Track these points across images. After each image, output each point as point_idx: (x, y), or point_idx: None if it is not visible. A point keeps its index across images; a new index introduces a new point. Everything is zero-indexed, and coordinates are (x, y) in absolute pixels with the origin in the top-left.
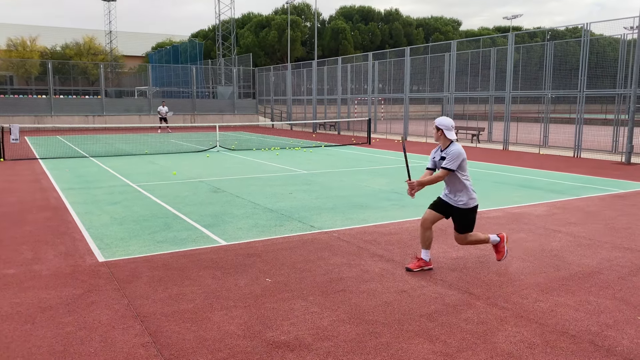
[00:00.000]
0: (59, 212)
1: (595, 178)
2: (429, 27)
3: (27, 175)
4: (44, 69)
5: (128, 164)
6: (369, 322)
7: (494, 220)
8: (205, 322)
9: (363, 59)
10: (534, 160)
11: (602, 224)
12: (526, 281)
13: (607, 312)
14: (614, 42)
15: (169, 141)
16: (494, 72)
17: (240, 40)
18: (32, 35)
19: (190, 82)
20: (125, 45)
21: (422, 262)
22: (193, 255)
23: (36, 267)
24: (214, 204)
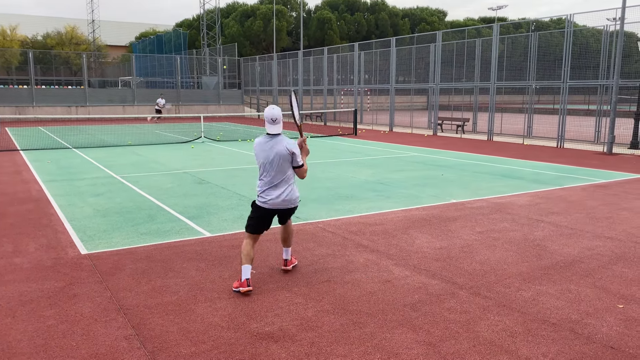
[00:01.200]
0: (40, 205)
1: (578, 168)
2: (415, 17)
3: (8, 167)
4: (24, 58)
5: (111, 155)
6: (353, 312)
7: (477, 211)
8: (189, 314)
9: (349, 49)
10: (518, 150)
11: (584, 214)
12: (509, 270)
13: (587, 301)
14: (596, 34)
15: (153, 132)
16: (479, 63)
17: (225, 30)
18: (12, 24)
19: (174, 72)
20: (109, 35)
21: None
22: (177, 247)
23: (17, 260)
24: (198, 196)
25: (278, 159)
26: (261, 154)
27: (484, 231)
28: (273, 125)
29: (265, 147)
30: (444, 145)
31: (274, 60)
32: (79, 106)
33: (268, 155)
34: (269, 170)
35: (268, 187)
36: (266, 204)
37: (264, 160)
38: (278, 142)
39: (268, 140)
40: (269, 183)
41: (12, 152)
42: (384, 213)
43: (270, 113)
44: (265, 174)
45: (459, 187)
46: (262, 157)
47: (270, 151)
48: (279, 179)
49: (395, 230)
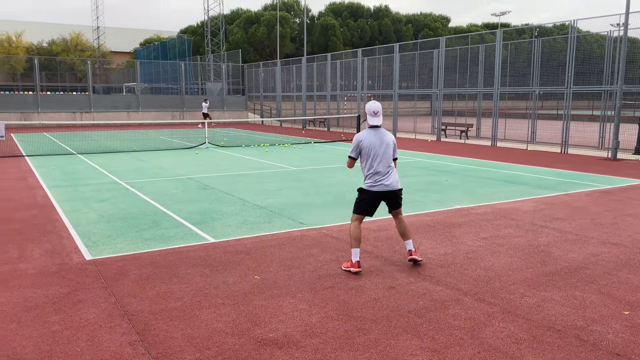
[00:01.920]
0: (45, 210)
1: (582, 174)
2: (418, 23)
3: (14, 172)
4: (30, 65)
5: (116, 161)
6: (357, 318)
7: (481, 216)
8: (193, 320)
9: (352, 55)
10: (522, 156)
11: (589, 219)
12: (513, 277)
13: (592, 307)
14: (600, 39)
15: (158, 138)
16: (483, 69)
17: (229, 36)
18: (18, 30)
19: (179, 79)
20: (113, 41)
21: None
22: (181, 253)
23: (22, 265)
24: (202, 201)
25: (386, 148)
26: (369, 144)
27: (489, 237)
28: (375, 117)
29: (373, 138)
30: (447, 150)
31: (278, 67)
32: (84, 112)
33: (378, 145)
34: (378, 157)
35: (376, 172)
36: (374, 187)
37: (373, 150)
38: (384, 133)
39: (376, 132)
40: (377, 169)
41: (18, 157)
42: (387, 219)
43: (372, 106)
44: (372, 161)
45: (463, 192)
46: (371, 147)
47: (379, 141)
48: (386, 165)
49: (399, 236)
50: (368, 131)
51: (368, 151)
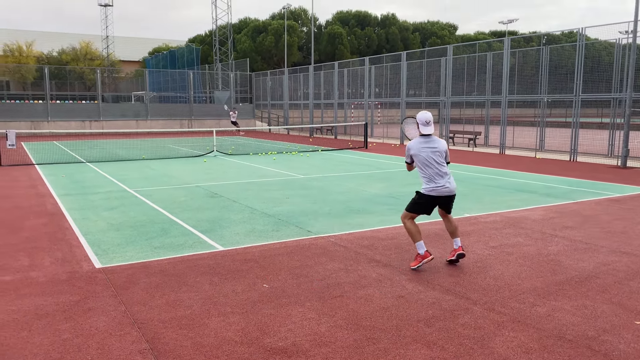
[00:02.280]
0: (55, 218)
1: (592, 182)
2: (426, 31)
3: (24, 181)
4: (40, 74)
5: (125, 169)
6: (366, 327)
7: (490, 225)
8: (202, 328)
9: (359, 63)
10: (531, 164)
11: (599, 228)
12: (523, 285)
13: (604, 317)
14: (609, 47)
15: (166, 146)
16: (490, 77)
17: (237, 45)
18: (28, 40)
19: (187, 87)
20: (122, 50)
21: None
22: (190, 261)
23: (33, 273)
24: (211, 209)
25: (439, 154)
26: (423, 152)
27: (498, 246)
28: (427, 126)
29: (426, 145)
30: (455, 158)
31: (285, 75)
32: (93, 121)
33: (432, 153)
34: (433, 164)
35: (434, 177)
36: (434, 192)
37: (426, 157)
38: (436, 140)
39: (427, 140)
40: (435, 174)
41: (28, 166)
42: (396, 227)
43: (424, 116)
44: (428, 168)
45: (472, 201)
46: (425, 155)
47: (432, 149)
48: (443, 170)
49: (408, 244)
50: (419, 139)
51: (421, 159)
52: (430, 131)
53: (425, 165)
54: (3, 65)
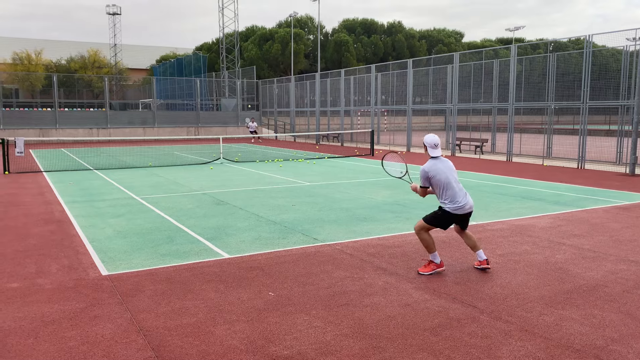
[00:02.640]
0: (62, 225)
1: (600, 190)
2: (432, 39)
3: (32, 188)
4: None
5: (132, 177)
6: (372, 336)
7: (497, 233)
8: (208, 336)
9: (366, 71)
10: (538, 171)
11: (607, 236)
12: (530, 294)
13: (612, 326)
14: (616, 54)
15: (173, 153)
16: (497, 84)
17: (244, 53)
18: (38, 48)
19: (194, 95)
20: (130, 58)
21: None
22: (196, 269)
23: (40, 280)
24: (217, 217)
25: (454, 174)
26: (441, 174)
27: (505, 254)
28: (435, 149)
29: (441, 168)
30: (462, 166)
31: (292, 83)
32: (101, 128)
33: (448, 174)
34: (453, 185)
35: (457, 197)
36: (458, 210)
37: (445, 179)
38: (446, 161)
39: (438, 162)
40: (457, 194)
41: (36, 173)
42: (402, 235)
43: (432, 140)
44: (449, 189)
45: (478, 208)
46: (444, 177)
47: (447, 170)
48: (461, 189)
49: (415, 252)
50: (432, 162)
51: (439, 180)
52: (440, 153)
53: (446, 185)
54: (12, 73)
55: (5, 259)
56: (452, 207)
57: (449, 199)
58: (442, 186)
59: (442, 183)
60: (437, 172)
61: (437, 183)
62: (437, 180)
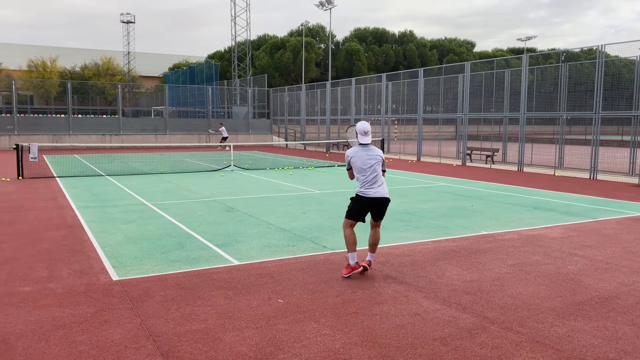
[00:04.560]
0: (74, 230)
1: (612, 200)
2: (443, 48)
3: (45, 193)
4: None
5: (144, 183)
6: (381, 345)
7: (508, 243)
8: (217, 342)
9: (377, 79)
10: (549, 181)
11: (620, 247)
12: (542, 305)
13: (625, 339)
14: (629, 64)
15: (184, 160)
16: (508, 93)
17: (255, 62)
18: (53, 56)
19: (206, 102)
20: (143, 66)
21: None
22: (206, 275)
23: (51, 284)
24: (227, 223)
25: (375, 163)
26: (359, 160)
27: (516, 264)
28: (365, 136)
29: (363, 154)
30: (473, 175)
31: (303, 91)
32: (113, 135)
33: (367, 161)
34: (368, 171)
35: (368, 183)
36: (367, 195)
37: (363, 165)
38: (374, 150)
39: (364, 149)
40: (369, 181)
41: (49, 178)
42: (412, 244)
43: (363, 127)
44: (364, 174)
45: (489, 218)
46: (361, 162)
47: (369, 158)
48: (376, 177)
49: (424, 261)
50: (358, 148)
51: (359, 165)
52: (368, 141)
53: (361, 171)
54: (27, 80)
55: (18, 262)
56: (362, 191)
57: (363, 184)
58: (359, 172)
59: (358, 169)
60: (357, 158)
61: (355, 169)
62: (355, 167)
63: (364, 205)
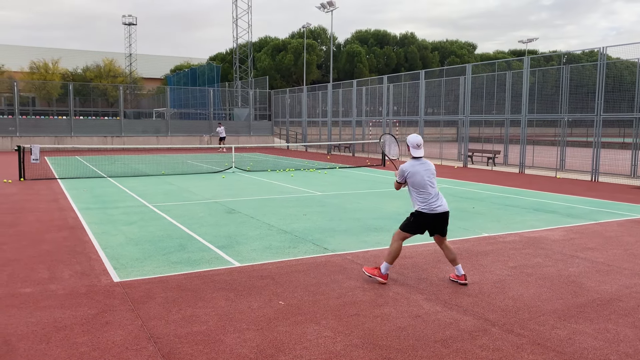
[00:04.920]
0: (76, 232)
1: (614, 202)
2: (445, 50)
3: (46, 194)
4: (65, 90)
5: (145, 185)
6: (382, 347)
7: (509, 245)
8: (218, 344)
9: (378, 81)
10: (551, 183)
11: (621, 250)
12: (543, 307)
13: (627, 341)
14: (631, 66)
15: (186, 162)
16: (510, 95)
17: (257, 63)
18: (55, 57)
19: (207, 104)
20: (144, 68)
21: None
22: (207, 277)
23: (52, 286)
24: (228, 225)
25: (433, 177)
26: (417, 175)
27: (517, 266)
28: (418, 149)
29: (419, 168)
30: (474, 177)
31: (304, 93)
32: (115, 136)
33: (426, 177)
34: (428, 185)
35: (431, 198)
36: (435, 211)
37: (422, 181)
38: (428, 164)
39: (420, 164)
40: (431, 195)
41: (51, 180)
42: (413, 246)
43: (415, 140)
44: (424, 189)
45: (490, 220)
46: (420, 178)
47: (426, 173)
48: (436, 192)
49: (426, 263)
50: (413, 162)
51: (414, 181)
52: (421, 154)
53: (422, 187)
54: (29, 81)
55: (19, 264)
56: (426, 208)
57: (425, 201)
58: (418, 188)
59: (417, 184)
60: (414, 173)
61: (413, 184)
62: (413, 182)
63: (429, 221)
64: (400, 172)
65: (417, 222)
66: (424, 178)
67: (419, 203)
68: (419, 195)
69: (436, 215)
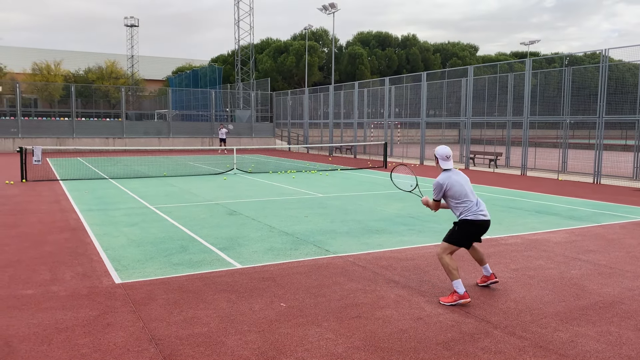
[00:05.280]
0: (77, 233)
1: (616, 205)
2: (447, 52)
3: (48, 196)
4: (67, 92)
5: (147, 186)
6: (384, 349)
7: (511, 247)
8: (219, 346)
9: (380, 83)
10: (553, 186)
11: (624, 252)
12: (545, 310)
13: (629, 344)
14: (633, 68)
15: (187, 163)
16: (512, 97)
17: (258, 65)
18: (57, 59)
19: (209, 106)
20: (146, 70)
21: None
22: (208, 278)
23: (54, 287)
24: (230, 227)
25: (470, 186)
26: (457, 185)
27: (519, 268)
28: (447, 161)
29: (456, 178)
30: (476, 179)
31: (306, 95)
32: (117, 138)
33: (464, 184)
34: (469, 194)
35: (476, 207)
36: (482, 218)
37: (462, 189)
38: (460, 173)
39: (453, 174)
40: (472, 202)
41: (52, 181)
42: (415, 248)
43: (445, 151)
44: (466, 198)
45: (492, 222)
46: (459, 187)
47: (462, 180)
48: (477, 199)
49: (428, 265)
50: (447, 174)
51: (455, 192)
52: (451, 165)
53: (463, 196)
54: (32, 83)
55: (21, 265)
56: (473, 216)
57: (469, 209)
58: (459, 198)
59: (458, 194)
60: (452, 184)
61: (453, 195)
62: (454, 192)
63: (477, 229)
64: (437, 188)
65: (465, 232)
66: (464, 187)
67: (464, 212)
68: (460, 204)
69: (483, 222)
